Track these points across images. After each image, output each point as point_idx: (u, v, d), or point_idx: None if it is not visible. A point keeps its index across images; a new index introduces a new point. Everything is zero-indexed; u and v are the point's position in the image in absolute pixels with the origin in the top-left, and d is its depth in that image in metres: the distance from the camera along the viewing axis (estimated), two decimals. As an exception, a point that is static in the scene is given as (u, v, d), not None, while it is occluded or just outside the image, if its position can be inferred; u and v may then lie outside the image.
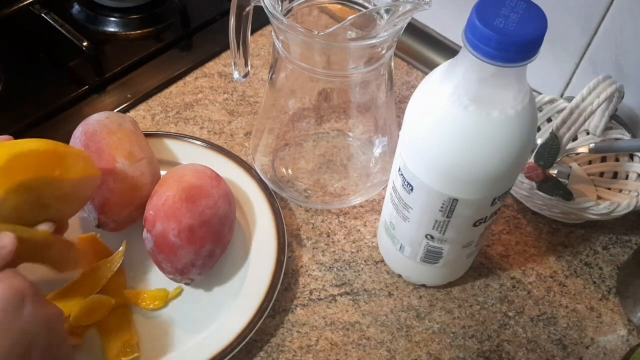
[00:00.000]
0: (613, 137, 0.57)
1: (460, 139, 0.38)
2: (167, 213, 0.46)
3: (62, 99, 0.64)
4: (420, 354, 0.48)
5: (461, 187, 0.40)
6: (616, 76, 0.53)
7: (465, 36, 0.35)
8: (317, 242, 0.55)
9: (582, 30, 0.57)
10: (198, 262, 0.47)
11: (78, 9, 0.73)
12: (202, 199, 0.47)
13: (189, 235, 0.46)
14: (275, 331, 0.49)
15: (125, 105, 0.64)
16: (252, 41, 0.71)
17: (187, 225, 0.46)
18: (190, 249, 0.46)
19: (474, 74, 0.36)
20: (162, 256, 0.46)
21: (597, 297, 0.53)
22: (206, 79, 0.67)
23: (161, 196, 0.47)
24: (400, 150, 0.44)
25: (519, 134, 0.38)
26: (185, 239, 0.45)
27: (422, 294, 0.52)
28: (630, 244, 0.56)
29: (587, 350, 0.49)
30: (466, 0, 0.41)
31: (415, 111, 0.41)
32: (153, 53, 0.69)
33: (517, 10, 0.34)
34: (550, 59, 0.61)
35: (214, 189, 0.48)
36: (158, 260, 0.47)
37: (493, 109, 0.36)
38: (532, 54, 0.34)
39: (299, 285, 0.52)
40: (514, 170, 0.40)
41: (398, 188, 0.45)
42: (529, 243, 0.56)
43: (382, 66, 0.49)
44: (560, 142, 0.51)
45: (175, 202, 0.46)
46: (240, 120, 0.63)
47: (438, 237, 0.45)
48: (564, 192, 0.52)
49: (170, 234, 0.45)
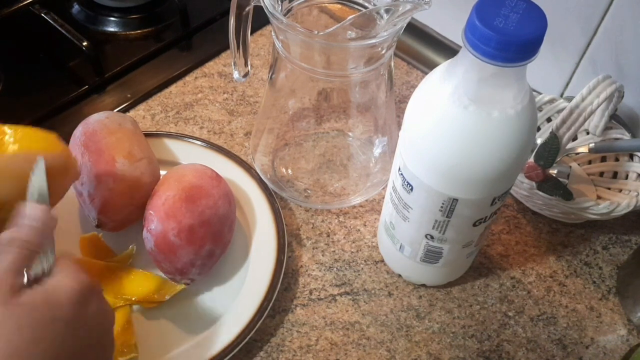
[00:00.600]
0: (613, 137, 0.57)
1: (460, 138, 0.38)
2: (167, 213, 0.46)
3: (62, 99, 0.64)
4: (420, 353, 0.48)
5: (461, 187, 0.40)
6: (616, 76, 0.53)
7: (465, 36, 0.35)
8: (317, 242, 0.55)
9: (582, 30, 0.57)
10: (198, 262, 0.47)
11: (78, 9, 0.73)
12: (202, 199, 0.47)
13: (189, 235, 0.46)
14: (275, 331, 0.49)
15: (125, 105, 0.64)
16: (252, 41, 0.71)
17: (187, 225, 0.46)
18: (190, 249, 0.46)
19: (474, 74, 0.36)
20: (162, 256, 0.46)
21: (597, 297, 0.53)
22: (206, 78, 0.67)
23: (161, 196, 0.47)
24: (400, 150, 0.44)
25: (519, 134, 0.38)
26: (185, 239, 0.45)
27: (422, 294, 0.52)
28: (630, 243, 0.56)
29: (587, 350, 0.49)
30: (466, 0, 0.41)
31: (415, 111, 0.41)
32: (153, 53, 0.69)
33: (517, 10, 0.34)
34: (550, 59, 0.61)
35: (214, 189, 0.48)
36: (158, 260, 0.47)
37: (493, 108, 0.36)
38: (532, 53, 0.34)
39: (299, 285, 0.52)
40: (514, 170, 0.40)
41: (398, 188, 0.45)
42: (529, 243, 0.56)
43: (382, 66, 0.49)
44: (560, 142, 0.51)
45: (176, 202, 0.46)
46: (240, 120, 0.63)
47: (438, 237, 0.45)
48: (563, 192, 0.52)
49: (170, 233, 0.45)
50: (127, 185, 0.48)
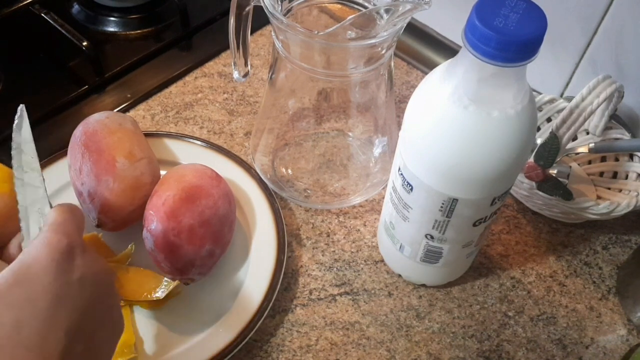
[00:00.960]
0: (613, 137, 0.57)
1: (460, 138, 0.38)
2: (167, 213, 0.46)
3: (62, 98, 0.64)
4: (420, 353, 0.48)
5: (461, 187, 0.40)
6: (616, 76, 0.53)
7: (465, 36, 0.35)
8: (317, 242, 0.55)
9: (582, 30, 0.57)
10: (198, 262, 0.47)
11: (78, 9, 0.73)
12: (202, 199, 0.47)
13: (189, 235, 0.46)
14: (275, 331, 0.49)
15: (125, 105, 0.64)
16: (252, 41, 0.71)
17: (187, 225, 0.46)
18: (190, 248, 0.46)
19: (474, 74, 0.36)
20: (162, 256, 0.46)
21: (596, 297, 0.53)
22: (206, 78, 0.67)
23: (161, 196, 0.47)
24: (400, 150, 0.44)
25: (519, 134, 0.38)
26: (185, 239, 0.46)
27: (421, 294, 0.52)
28: (630, 243, 0.56)
29: (587, 350, 0.49)
30: (466, 0, 0.41)
31: (416, 111, 0.41)
32: (153, 53, 0.69)
33: (517, 10, 0.34)
34: (550, 59, 0.61)
35: (214, 188, 0.48)
36: (158, 260, 0.47)
37: (493, 108, 0.36)
38: (532, 53, 0.34)
39: (299, 285, 0.52)
40: (514, 170, 0.40)
41: (398, 188, 0.45)
42: (529, 243, 0.56)
43: (382, 66, 0.49)
44: (560, 142, 0.51)
45: (176, 202, 0.46)
46: (240, 120, 0.63)
47: (438, 237, 0.45)
48: (563, 191, 0.52)
49: (170, 233, 0.45)
50: (127, 185, 0.48)
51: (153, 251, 0.47)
